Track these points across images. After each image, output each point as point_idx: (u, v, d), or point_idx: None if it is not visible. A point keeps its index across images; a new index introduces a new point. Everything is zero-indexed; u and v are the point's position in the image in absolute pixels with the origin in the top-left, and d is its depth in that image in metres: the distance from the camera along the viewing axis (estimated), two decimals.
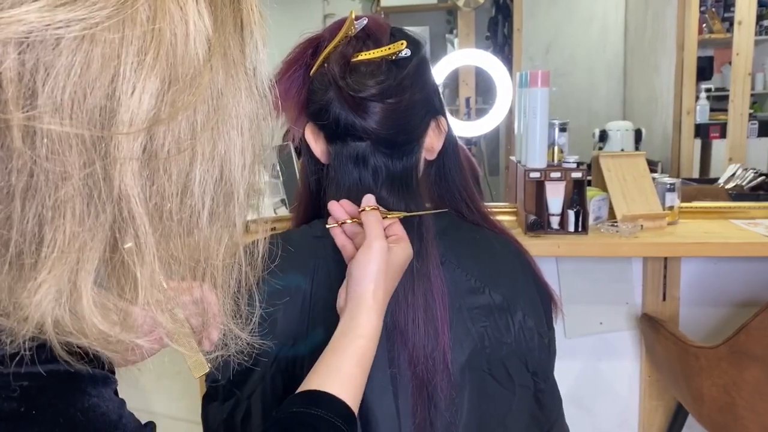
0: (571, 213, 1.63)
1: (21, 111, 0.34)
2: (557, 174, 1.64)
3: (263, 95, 0.45)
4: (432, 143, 0.88)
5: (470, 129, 2.29)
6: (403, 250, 0.76)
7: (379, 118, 0.80)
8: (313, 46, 0.84)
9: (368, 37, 0.82)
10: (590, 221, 1.67)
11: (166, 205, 0.40)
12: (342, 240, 0.79)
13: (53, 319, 0.38)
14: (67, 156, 0.35)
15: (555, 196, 1.65)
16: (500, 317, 0.83)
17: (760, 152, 2.98)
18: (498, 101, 2.11)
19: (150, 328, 0.57)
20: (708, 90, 3.17)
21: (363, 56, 0.80)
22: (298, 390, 0.66)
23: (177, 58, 0.37)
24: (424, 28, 3.45)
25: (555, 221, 1.65)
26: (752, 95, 2.97)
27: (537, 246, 1.59)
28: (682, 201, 1.78)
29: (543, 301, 0.90)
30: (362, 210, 0.77)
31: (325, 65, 0.81)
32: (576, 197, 1.66)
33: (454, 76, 3.00)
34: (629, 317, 1.86)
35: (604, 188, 1.75)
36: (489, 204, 1.83)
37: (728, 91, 2.99)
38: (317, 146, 0.86)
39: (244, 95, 0.43)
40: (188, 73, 0.38)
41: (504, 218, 1.80)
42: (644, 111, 3.62)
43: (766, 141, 3.02)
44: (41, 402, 0.40)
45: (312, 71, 0.83)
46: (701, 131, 3.12)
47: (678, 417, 1.80)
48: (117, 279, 0.41)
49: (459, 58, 2.24)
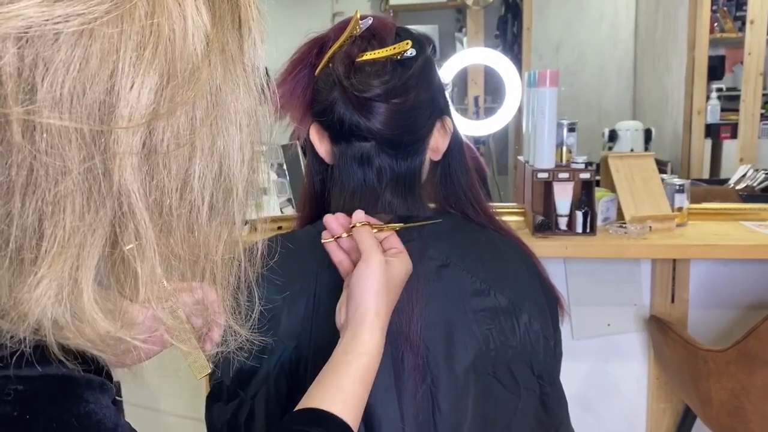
0: (579, 214, 1.62)
1: (20, 106, 0.34)
2: (565, 174, 1.63)
3: (261, 92, 0.45)
4: (437, 144, 0.87)
5: (479, 128, 2.29)
6: (402, 264, 0.74)
7: (384, 119, 0.79)
8: (318, 46, 0.84)
9: (373, 37, 0.81)
10: (598, 222, 1.66)
11: (166, 201, 0.40)
12: (339, 257, 0.77)
13: (52, 317, 0.38)
14: (67, 151, 0.35)
15: (563, 197, 1.63)
16: (505, 320, 0.82)
17: None
18: (507, 100, 2.11)
19: (150, 327, 0.57)
20: (719, 90, 3.14)
21: (368, 56, 0.79)
22: (300, 405, 0.65)
23: (175, 54, 0.37)
24: (433, 27, 3.44)
25: (563, 222, 1.64)
26: (764, 95, 2.94)
27: (545, 247, 1.58)
28: (692, 202, 1.77)
29: (549, 304, 0.89)
30: (353, 226, 0.75)
31: (330, 65, 0.81)
32: (584, 198, 1.65)
33: (463, 75, 3.00)
34: (637, 319, 1.84)
35: (613, 189, 1.74)
36: (497, 204, 1.82)
37: (740, 91, 2.97)
38: (322, 146, 0.86)
39: (243, 91, 0.43)
40: (187, 69, 0.38)
41: (512, 219, 1.79)
42: (654, 110, 3.60)
43: None
44: (35, 407, 0.39)
45: (317, 71, 0.83)
46: (712, 131, 3.09)
47: (686, 420, 1.79)
48: (117, 276, 0.40)
49: (468, 57, 2.23)
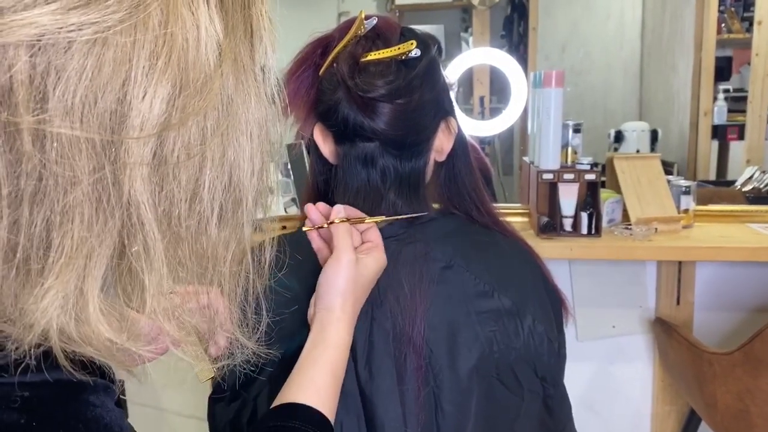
0: (585, 215, 1.62)
1: (31, 114, 0.33)
2: (570, 175, 1.62)
3: (272, 102, 0.45)
4: (442, 144, 0.87)
5: (484, 128, 2.28)
6: (375, 260, 0.76)
7: (388, 119, 0.79)
8: (323, 46, 0.84)
9: (378, 37, 0.81)
10: (604, 224, 1.65)
11: (175, 211, 0.39)
12: (319, 244, 0.80)
13: (59, 327, 0.37)
14: (77, 160, 0.34)
15: (568, 198, 1.63)
16: (509, 322, 0.81)
17: None
18: (512, 101, 2.10)
19: (155, 336, 0.57)
20: (726, 91, 3.12)
21: (372, 56, 0.79)
22: (276, 402, 0.67)
23: (188, 63, 0.37)
24: (439, 27, 3.43)
25: (568, 223, 1.64)
26: None
27: (549, 248, 1.57)
28: (698, 203, 1.76)
29: (553, 306, 0.88)
30: (331, 222, 0.77)
31: (334, 65, 0.81)
32: (589, 199, 1.64)
33: (469, 75, 2.99)
34: (642, 321, 1.84)
35: (618, 190, 1.73)
36: (501, 205, 1.81)
37: (747, 92, 2.95)
38: (326, 146, 0.86)
39: (254, 101, 0.42)
40: (199, 79, 0.37)
41: (516, 220, 1.79)
42: (661, 111, 3.58)
43: None
44: (42, 413, 0.39)
45: (321, 71, 0.83)
46: (719, 132, 3.08)
47: (691, 423, 1.78)
48: (124, 286, 0.40)
49: (473, 57, 2.22)
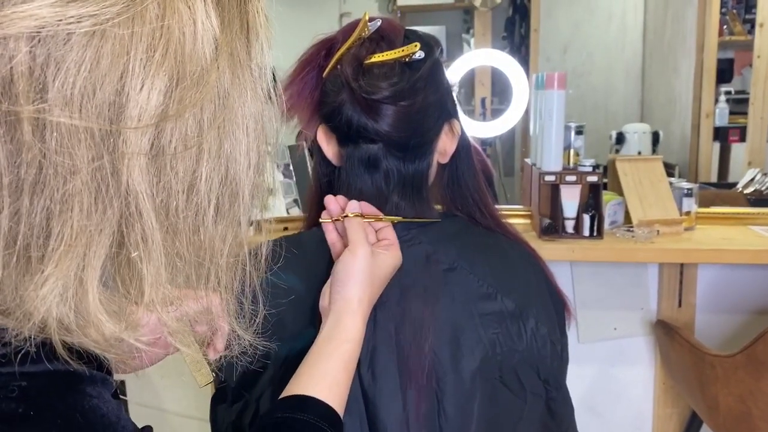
0: (587, 217, 1.62)
1: (31, 104, 0.34)
2: (572, 177, 1.62)
3: (268, 97, 0.45)
4: (445, 146, 0.87)
5: (485, 130, 2.28)
6: (392, 258, 0.76)
7: (392, 121, 0.79)
8: (327, 48, 0.84)
9: (382, 39, 0.81)
10: (606, 226, 1.65)
11: (173, 202, 0.40)
12: (333, 237, 0.80)
13: (57, 317, 0.38)
14: (76, 150, 0.35)
15: (570, 200, 1.63)
16: (512, 324, 0.81)
17: None
18: (514, 102, 2.10)
19: (154, 330, 0.57)
20: (728, 93, 3.12)
21: (376, 58, 0.79)
22: (285, 392, 0.67)
23: (185, 56, 0.38)
24: (441, 28, 3.44)
25: (570, 225, 1.64)
26: None
27: (551, 250, 1.57)
28: (700, 206, 1.76)
29: (556, 308, 0.89)
30: (345, 216, 0.77)
31: (338, 67, 0.81)
32: (591, 201, 1.64)
33: (470, 77, 2.99)
34: (644, 323, 1.84)
35: (620, 192, 1.73)
36: (503, 207, 1.81)
37: (748, 94, 2.95)
38: (329, 148, 0.86)
39: (250, 96, 0.43)
40: (196, 72, 0.38)
41: (518, 221, 1.79)
42: (662, 113, 3.58)
43: None
44: (40, 403, 0.40)
45: (325, 73, 0.83)
46: (720, 134, 3.08)
47: (692, 425, 1.78)
48: (122, 277, 0.41)
49: (475, 58, 2.22)
